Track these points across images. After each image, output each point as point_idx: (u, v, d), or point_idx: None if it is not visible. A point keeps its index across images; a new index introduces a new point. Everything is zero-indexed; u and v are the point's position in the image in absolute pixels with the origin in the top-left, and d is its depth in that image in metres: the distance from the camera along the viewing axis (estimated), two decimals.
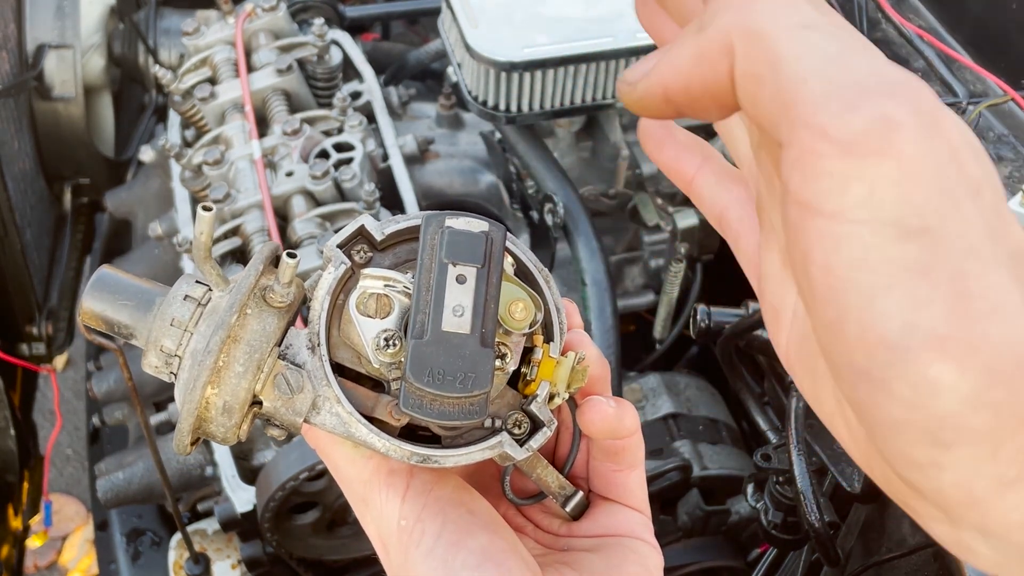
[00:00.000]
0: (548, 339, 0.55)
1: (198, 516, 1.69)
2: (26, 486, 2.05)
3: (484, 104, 1.69)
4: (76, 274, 2.31)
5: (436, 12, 1.88)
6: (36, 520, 2.13)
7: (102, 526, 1.83)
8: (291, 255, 0.52)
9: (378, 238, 0.54)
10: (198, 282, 0.54)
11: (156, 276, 0.57)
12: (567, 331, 0.56)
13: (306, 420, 0.52)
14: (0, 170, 1.90)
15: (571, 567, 0.56)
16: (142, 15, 2.28)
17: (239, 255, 1.65)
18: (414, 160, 1.85)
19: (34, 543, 2.71)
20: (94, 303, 0.54)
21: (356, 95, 1.90)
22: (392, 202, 1.72)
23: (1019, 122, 1.51)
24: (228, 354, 0.51)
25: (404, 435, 0.53)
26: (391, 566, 0.54)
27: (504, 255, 0.52)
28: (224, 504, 1.51)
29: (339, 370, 0.53)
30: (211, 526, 1.69)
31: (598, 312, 1.61)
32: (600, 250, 1.67)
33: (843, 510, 1.35)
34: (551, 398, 0.54)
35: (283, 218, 1.66)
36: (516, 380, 0.55)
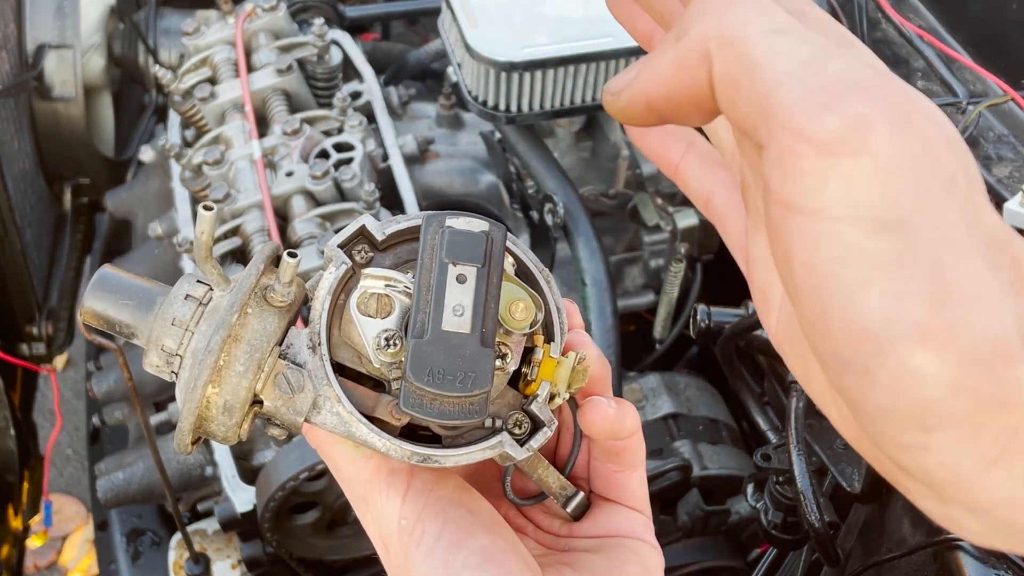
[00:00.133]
0: (549, 339, 0.55)
1: (198, 516, 1.69)
2: (26, 486, 2.05)
3: (484, 104, 1.69)
4: (76, 274, 2.31)
5: (436, 12, 1.88)
6: (36, 520, 2.13)
7: (102, 526, 1.83)
8: (292, 255, 0.52)
9: (379, 238, 0.54)
10: (199, 281, 0.54)
11: (156, 276, 0.57)
12: (568, 331, 0.56)
13: (307, 419, 0.52)
14: (0, 170, 1.89)
15: (572, 567, 0.56)
16: (142, 15, 2.28)
17: (239, 255, 1.65)
18: (414, 160, 1.85)
19: (34, 543, 2.70)
20: (96, 302, 0.54)
21: (356, 95, 1.90)
22: (392, 202, 1.72)
23: (1019, 122, 1.51)
24: (229, 353, 0.51)
25: (405, 435, 0.53)
26: (391, 566, 0.54)
27: (505, 255, 0.52)
28: (224, 504, 1.51)
29: (340, 370, 0.53)
30: (211, 526, 1.69)
31: (598, 312, 1.61)
32: (600, 250, 1.67)
33: (843, 510, 1.35)
34: (552, 398, 0.54)
35: (283, 218, 1.66)
36: (517, 380, 0.55)
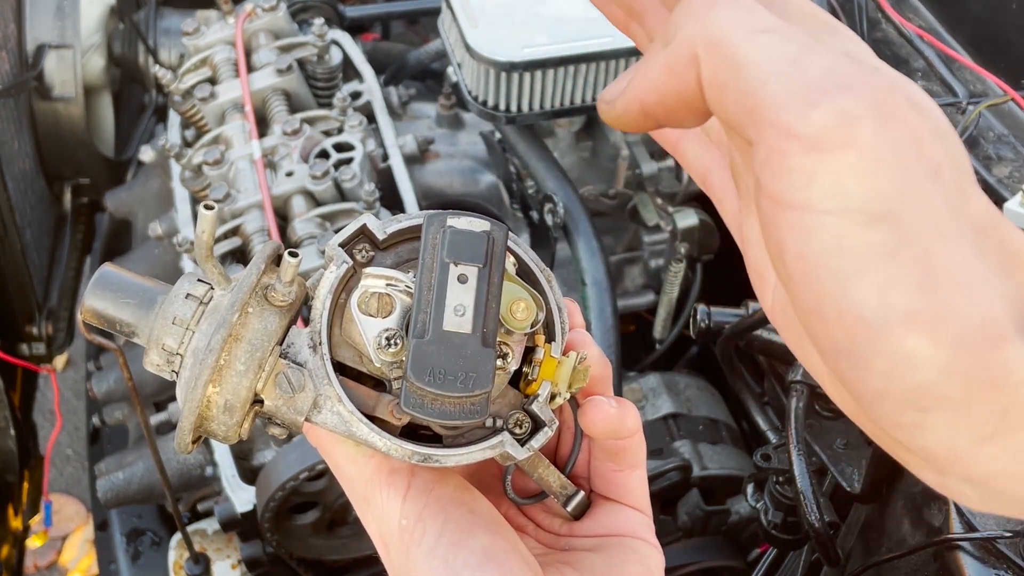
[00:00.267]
0: (550, 339, 0.55)
1: (198, 516, 1.69)
2: (26, 486, 2.05)
3: (484, 104, 1.69)
4: (76, 274, 2.31)
5: (436, 12, 1.88)
6: (36, 520, 2.13)
7: (102, 526, 1.83)
8: (293, 254, 0.52)
9: (380, 237, 0.54)
10: (200, 280, 0.54)
11: (156, 276, 0.57)
12: (569, 331, 0.56)
13: (307, 419, 0.52)
14: (0, 170, 1.89)
15: (572, 567, 0.56)
16: (142, 15, 2.28)
17: (239, 255, 1.65)
18: (414, 160, 1.85)
19: (34, 543, 2.70)
20: (96, 301, 0.54)
21: (356, 95, 1.90)
22: (392, 202, 1.72)
23: (1019, 122, 1.51)
24: (230, 353, 0.51)
25: (405, 434, 0.53)
26: (392, 565, 0.54)
27: (506, 255, 0.52)
28: (224, 504, 1.51)
29: (340, 369, 0.53)
30: (211, 526, 1.69)
31: (598, 312, 1.61)
32: (600, 250, 1.67)
33: (843, 510, 1.35)
34: (552, 398, 0.54)
35: (283, 218, 1.66)
36: (518, 380, 0.55)
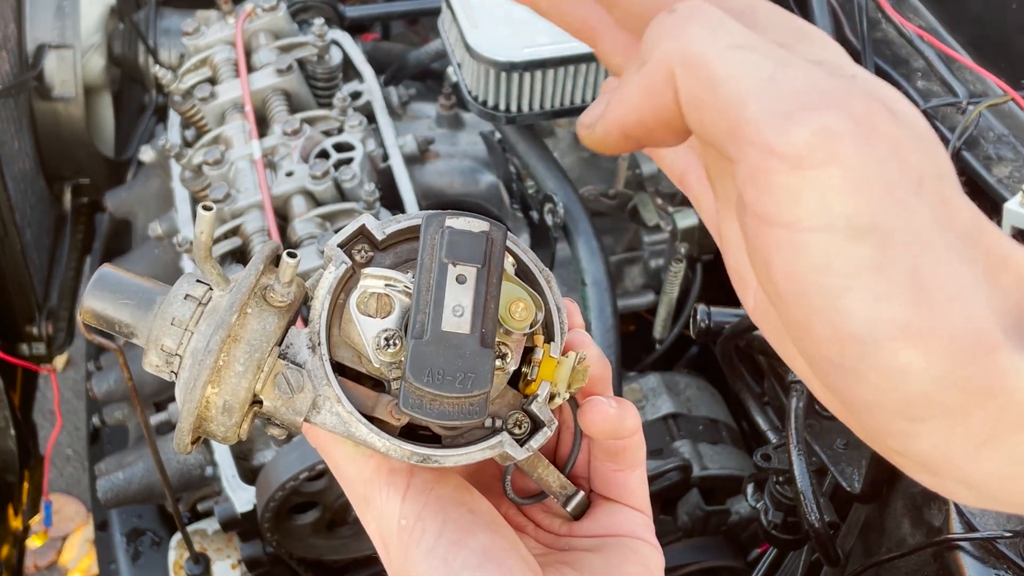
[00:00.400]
0: (549, 339, 0.55)
1: (198, 516, 1.69)
2: (26, 486, 2.05)
3: (484, 104, 1.69)
4: (76, 274, 2.31)
5: (436, 12, 1.88)
6: (36, 520, 2.13)
7: (102, 526, 1.83)
8: (292, 254, 0.52)
9: (379, 237, 0.54)
10: (199, 281, 0.54)
11: (156, 276, 0.57)
12: (568, 331, 0.56)
13: (306, 419, 0.52)
14: (0, 170, 1.89)
15: (572, 567, 0.56)
16: (142, 15, 2.28)
17: (239, 255, 1.65)
18: (414, 160, 1.85)
19: (34, 543, 2.70)
20: (95, 302, 0.54)
21: (356, 95, 1.90)
22: (392, 202, 1.72)
23: (1019, 122, 1.51)
24: (228, 353, 0.51)
25: (404, 434, 0.53)
26: (392, 565, 0.54)
27: (505, 255, 0.52)
28: (224, 504, 1.51)
29: (339, 369, 0.53)
30: (211, 526, 1.69)
31: (598, 312, 1.61)
32: (600, 250, 1.67)
33: (843, 510, 1.35)
34: (552, 398, 0.54)
35: (283, 218, 1.66)
36: (517, 380, 0.55)
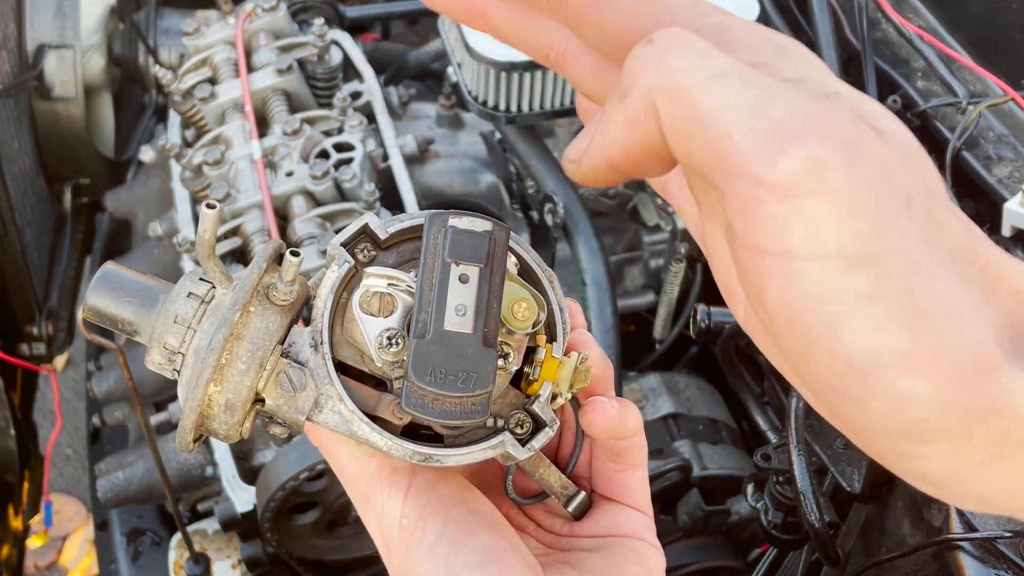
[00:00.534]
0: (551, 339, 0.55)
1: (198, 516, 1.69)
2: (26, 486, 2.05)
3: (484, 104, 1.69)
4: (76, 274, 2.31)
5: (436, 12, 1.88)
6: (36, 520, 2.13)
7: (102, 526, 1.83)
8: (294, 253, 0.52)
9: (382, 236, 0.54)
10: (202, 279, 0.54)
11: (156, 276, 0.57)
12: (570, 331, 0.56)
13: (308, 418, 0.52)
14: (0, 170, 1.89)
15: (573, 567, 0.56)
16: (142, 15, 2.28)
17: (239, 255, 1.65)
18: (414, 160, 1.84)
19: (34, 543, 2.70)
20: (98, 299, 0.54)
21: (356, 95, 1.90)
22: (392, 202, 1.72)
23: (1019, 122, 1.51)
24: (231, 352, 0.51)
25: (406, 434, 0.53)
26: (393, 564, 0.54)
27: (507, 255, 0.52)
28: (224, 504, 1.50)
29: (342, 368, 0.53)
30: (211, 526, 1.69)
31: (598, 312, 1.61)
32: (600, 250, 1.67)
33: (843, 510, 1.35)
34: (554, 398, 0.54)
35: (283, 218, 1.66)
36: (519, 380, 0.55)
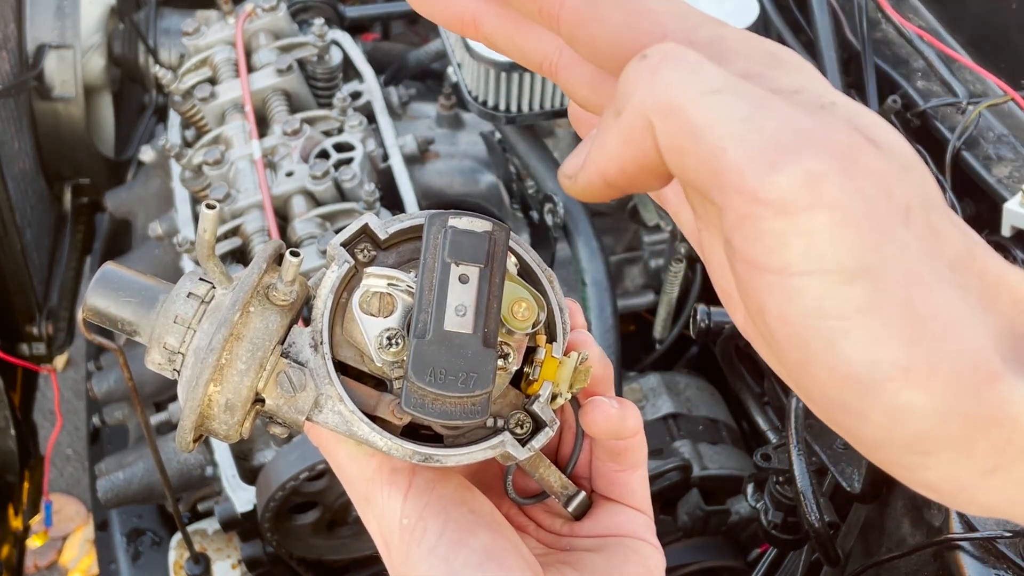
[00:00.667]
0: (551, 339, 0.55)
1: (198, 516, 1.69)
2: (26, 486, 2.05)
3: (484, 104, 1.69)
4: (76, 274, 2.31)
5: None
6: (36, 520, 2.13)
7: (102, 526, 1.83)
8: (294, 253, 0.52)
9: (382, 237, 0.54)
10: (201, 279, 0.54)
11: (156, 276, 0.57)
12: (570, 331, 0.56)
13: (308, 418, 0.52)
14: (0, 170, 1.89)
15: (573, 567, 0.56)
16: (142, 15, 2.28)
17: (239, 255, 1.65)
18: (414, 160, 1.84)
19: (34, 543, 2.70)
20: (98, 299, 0.54)
21: (356, 95, 1.90)
22: (392, 202, 1.72)
23: (1019, 122, 1.51)
24: (231, 352, 0.51)
25: (406, 434, 0.53)
26: (393, 564, 0.54)
27: (507, 255, 0.52)
28: (224, 504, 1.51)
29: (342, 368, 0.53)
30: (211, 526, 1.69)
31: (598, 312, 1.61)
32: (600, 250, 1.67)
33: (843, 510, 1.35)
34: (554, 398, 0.54)
35: (283, 218, 1.66)
36: (519, 380, 0.55)
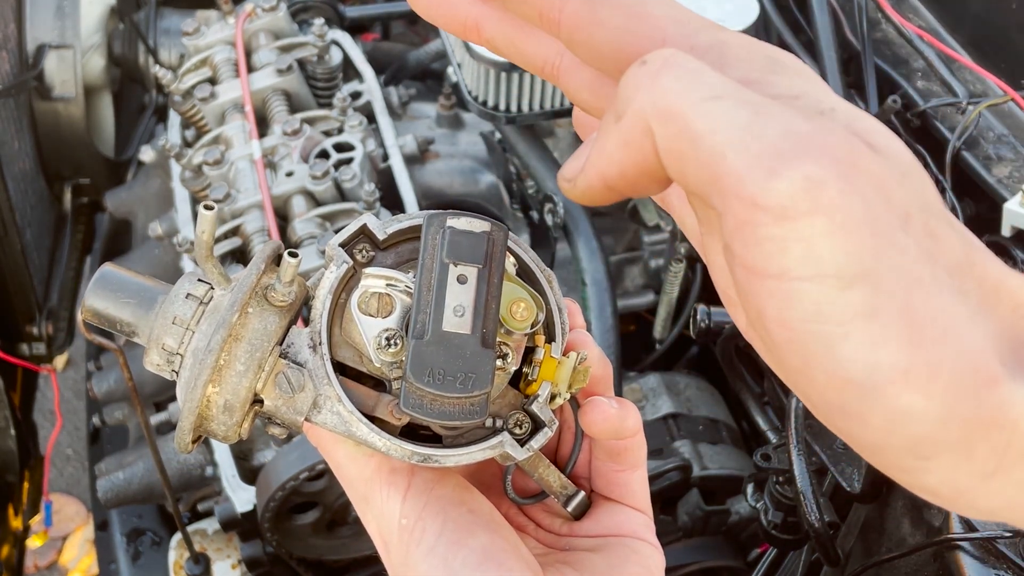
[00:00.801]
0: (550, 339, 0.55)
1: (198, 516, 1.69)
2: (26, 486, 2.05)
3: (484, 104, 1.69)
4: (76, 274, 2.31)
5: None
6: (36, 520, 2.13)
7: (102, 526, 1.83)
8: (293, 254, 0.52)
9: (380, 237, 0.54)
10: (200, 280, 0.54)
11: (156, 276, 0.57)
12: (569, 331, 0.56)
13: (307, 419, 0.52)
14: (0, 170, 1.89)
15: (572, 567, 0.56)
16: (142, 15, 2.28)
17: (239, 255, 1.65)
18: (414, 160, 1.85)
19: (34, 543, 2.71)
20: (97, 301, 0.54)
21: (356, 95, 1.90)
22: (392, 202, 1.72)
23: (1019, 122, 1.51)
24: (229, 352, 0.51)
25: (405, 434, 0.53)
26: (392, 565, 0.54)
27: (506, 255, 0.52)
28: (224, 504, 1.51)
29: (340, 369, 0.53)
30: (211, 526, 1.69)
31: (598, 312, 1.61)
32: (600, 250, 1.67)
33: (843, 510, 1.35)
34: (553, 398, 0.54)
35: (283, 218, 1.66)
36: (518, 380, 0.55)
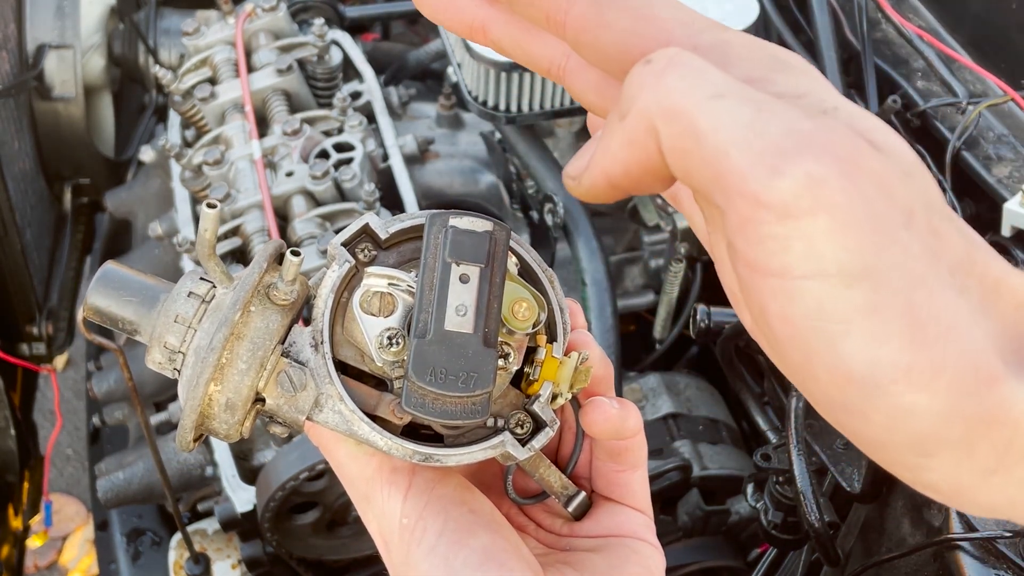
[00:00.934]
0: (552, 339, 0.55)
1: (198, 516, 1.69)
2: (26, 486, 2.05)
3: (484, 104, 1.69)
4: (76, 274, 2.31)
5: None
6: (36, 520, 2.13)
7: (102, 526, 1.83)
8: (295, 253, 0.52)
9: (382, 236, 0.54)
10: (202, 279, 0.54)
11: (156, 276, 0.57)
12: (571, 331, 0.56)
13: (309, 418, 0.52)
14: (0, 170, 1.89)
15: (573, 567, 0.56)
16: (142, 15, 2.28)
17: (239, 255, 1.65)
18: (414, 160, 1.84)
19: (34, 543, 2.70)
20: (99, 299, 0.54)
21: (356, 95, 1.90)
22: (392, 202, 1.72)
23: (1019, 122, 1.51)
24: (231, 351, 0.51)
25: (406, 433, 0.53)
26: (393, 564, 0.54)
27: (508, 255, 0.52)
28: (224, 504, 1.51)
29: (342, 368, 0.53)
30: (211, 526, 1.69)
31: (598, 312, 1.61)
32: (600, 250, 1.67)
33: (843, 510, 1.35)
34: (554, 398, 0.54)
35: (283, 218, 1.66)
36: (519, 380, 0.55)
